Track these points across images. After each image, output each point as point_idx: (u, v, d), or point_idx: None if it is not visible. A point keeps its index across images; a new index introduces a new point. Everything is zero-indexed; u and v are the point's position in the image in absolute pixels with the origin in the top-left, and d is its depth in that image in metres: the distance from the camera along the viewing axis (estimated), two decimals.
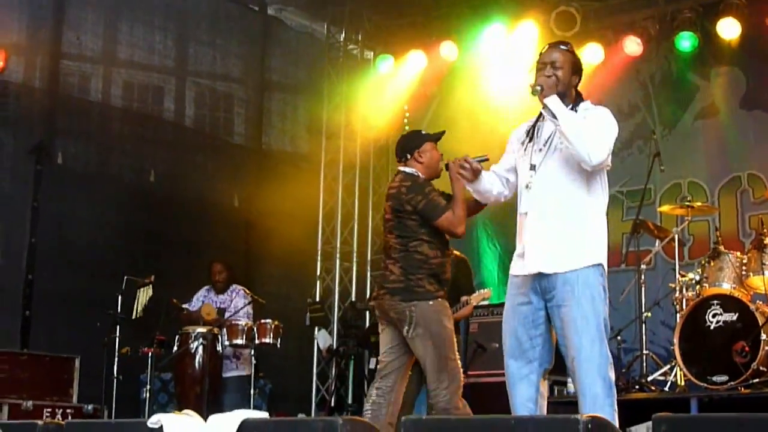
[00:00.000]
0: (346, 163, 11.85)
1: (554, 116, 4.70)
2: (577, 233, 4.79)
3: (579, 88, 5.01)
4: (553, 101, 4.72)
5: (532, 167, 4.90)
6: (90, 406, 8.42)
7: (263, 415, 4.27)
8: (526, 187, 4.93)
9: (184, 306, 8.96)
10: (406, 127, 12.02)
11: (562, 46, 4.98)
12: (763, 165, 9.73)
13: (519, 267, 4.92)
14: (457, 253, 7.40)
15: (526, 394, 4.79)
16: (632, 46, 10.40)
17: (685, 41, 10.13)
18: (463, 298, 7.18)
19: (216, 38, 11.17)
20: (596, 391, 4.58)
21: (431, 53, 11.33)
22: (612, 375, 4.68)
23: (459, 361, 5.93)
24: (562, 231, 4.79)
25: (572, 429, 3.30)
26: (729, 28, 9.85)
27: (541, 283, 4.81)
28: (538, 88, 4.74)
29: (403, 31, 11.63)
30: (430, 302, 5.86)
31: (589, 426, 3.29)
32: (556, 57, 4.88)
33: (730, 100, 10.14)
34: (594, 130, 4.75)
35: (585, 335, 4.65)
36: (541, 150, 4.91)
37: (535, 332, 4.84)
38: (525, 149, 5.00)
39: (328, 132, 11.77)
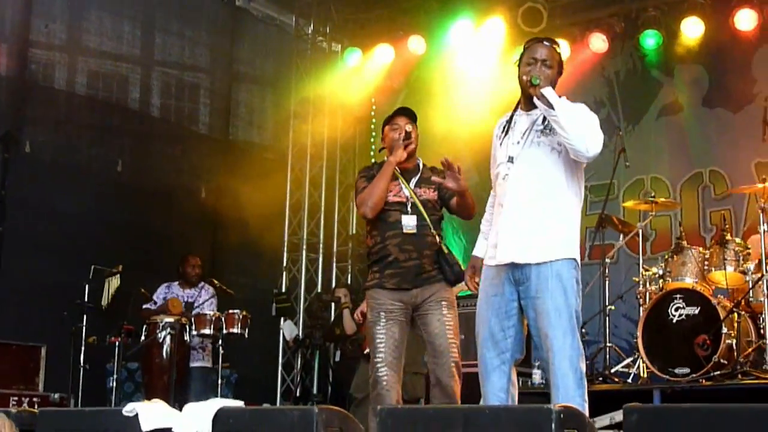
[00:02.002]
0: (313, 154, 11.92)
1: (551, 107, 4.73)
2: (551, 226, 4.86)
3: None
4: (551, 92, 4.77)
5: (510, 159, 4.97)
6: (56, 395, 8.41)
7: (239, 404, 4.32)
8: (503, 178, 5.01)
9: (145, 306, 9.00)
10: (373, 120, 12.14)
11: (551, 44, 5.02)
12: (724, 161, 9.90)
13: (492, 257, 4.99)
14: None
15: (499, 384, 4.87)
16: (598, 42, 10.54)
17: (650, 39, 10.28)
18: None
19: (184, 28, 11.15)
20: (568, 383, 4.67)
21: (399, 47, 11.41)
22: (583, 367, 4.77)
23: (376, 354, 5.75)
24: (536, 222, 4.86)
25: (545, 418, 3.38)
26: (693, 27, 10.02)
27: (514, 274, 4.88)
28: (539, 80, 4.78)
29: (371, 25, 11.70)
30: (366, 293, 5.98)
31: (562, 416, 3.38)
32: (547, 55, 4.93)
33: (692, 98, 10.29)
34: (588, 122, 4.83)
35: (558, 327, 4.73)
36: (518, 143, 4.97)
37: (508, 323, 4.92)
38: (501, 142, 5.08)
39: (295, 124, 11.82)
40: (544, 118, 4.89)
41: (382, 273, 5.83)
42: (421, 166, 6.04)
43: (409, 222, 5.81)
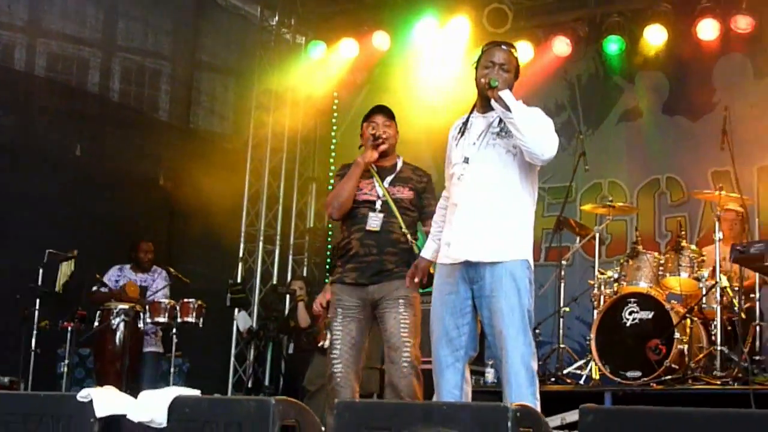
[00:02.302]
0: (274, 146, 11.88)
1: (508, 110, 4.76)
2: (505, 226, 4.90)
3: None
4: (509, 95, 4.80)
5: (465, 160, 5.01)
6: (6, 379, 8.32)
7: (195, 392, 4.31)
8: (458, 178, 5.04)
9: (95, 288, 8.94)
10: (335, 114, 12.14)
11: (509, 48, 5.05)
12: (681, 169, 10.01)
13: (446, 255, 5.03)
14: None
15: (453, 381, 4.91)
16: (561, 46, 10.60)
17: (613, 44, 10.37)
18: None
19: (147, 15, 11.08)
20: (520, 381, 4.71)
21: (363, 42, 11.40)
22: (535, 365, 4.82)
23: (332, 350, 5.77)
24: (490, 222, 4.89)
25: (502, 416, 3.41)
26: (656, 35, 10.11)
27: (468, 272, 4.92)
28: (497, 82, 4.81)
29: (336, 19, 11.69)
30: None
31: (518, 414, 3.41)
32: (505, 59, 4.97)
33: (653, 105, 10.39)
34: (543, 126, 4.87)
35: (511, 326, 4.77)
36: (474, 144, 5.01)
37: (462, 321, 4.95)
38: (457, 143, 5.11)
39: (256, 114, 11.78)
40: (500, 121, 4.92)
41: (344, 267, 5.84)
42: (399, 164, 6.02)
43: (373, 220, 5.80)
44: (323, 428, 4.02)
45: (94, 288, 8.94)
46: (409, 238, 5.79)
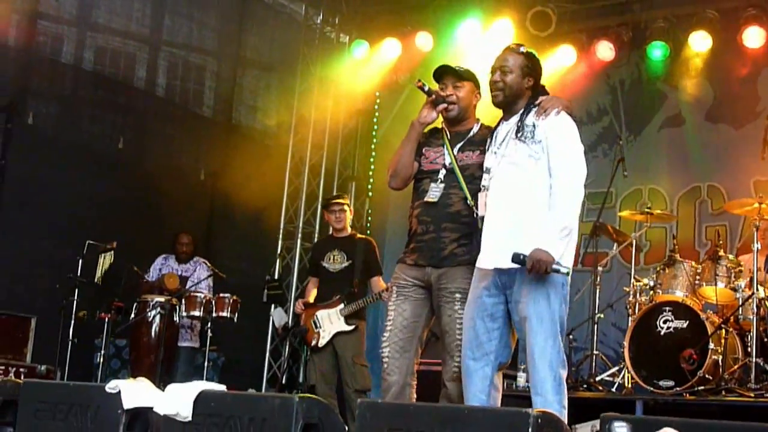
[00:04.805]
0: (314, 144, 11.90)
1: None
2: (534, 233, 4.80)
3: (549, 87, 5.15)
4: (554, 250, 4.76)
5: (487, 170, 5.02)
6: (43, 367, 8.42)
7: (221, 387, 4.34)
8: (486, 188, 5.03)
9: (141, 279, 9.04)
10: (376, 113, 12.15)
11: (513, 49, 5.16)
12: (723, 177, 9.92)
13: (480, 260, 5.02)
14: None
15: (480, 386, 4.88)
16: (604, 50, 10.54)
17: (657, 50, 10.30)
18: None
19: (193, 11, 11.15)
20: (546, 387, 4.69)
21: (406, 42, 11.40)
22: (563, 373, 4.78)
23: (383, 333, 5.35)
24: (517, 229, 4.85)
25: (522, 422, 3.41)
26: (700, 41, 10.04)
27: (501, 279, 4.90)
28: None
29: (380, 18, 11.70)
30: None
31: (539, 420, 3.41)
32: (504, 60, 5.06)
33: (696, 112, 10.30)
34: (571, 179, 4.82)
35: (539, 333, 4.75)
36: (496, 153, 5.00)
37: (493, 325, 4.92)
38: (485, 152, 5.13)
39: (298, 112, 11.81)
40: (519, 126, 4.90)
41: (407, 248, 5.38)
42: (475, 128, 5.37)
43: (432, 191, 5.25)
44: (347, 428, 4.03)
45: (143, 279, 9.03)
46: (474, 210, 5.15)
